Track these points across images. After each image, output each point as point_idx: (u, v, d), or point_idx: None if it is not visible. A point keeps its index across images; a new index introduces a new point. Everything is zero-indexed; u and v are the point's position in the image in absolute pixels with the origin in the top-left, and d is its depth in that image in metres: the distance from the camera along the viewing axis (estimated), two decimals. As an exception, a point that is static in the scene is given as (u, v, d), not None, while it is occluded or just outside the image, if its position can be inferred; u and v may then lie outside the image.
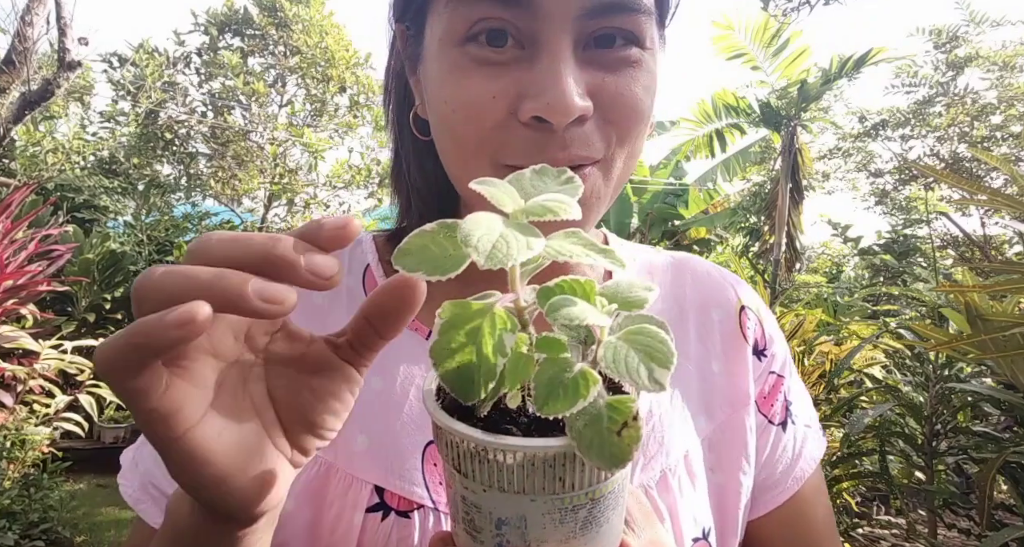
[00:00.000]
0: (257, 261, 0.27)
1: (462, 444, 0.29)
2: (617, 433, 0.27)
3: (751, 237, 8.73)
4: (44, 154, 6.48)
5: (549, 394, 0.26)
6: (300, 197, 6.61)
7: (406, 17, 0.51)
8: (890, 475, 2.63)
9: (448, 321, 0.28)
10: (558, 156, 0.43)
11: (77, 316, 5.36)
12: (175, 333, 0.24)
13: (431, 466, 0.49)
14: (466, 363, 0.28)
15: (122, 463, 0.53)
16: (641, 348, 0.27)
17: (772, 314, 0.66)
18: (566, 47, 0.42)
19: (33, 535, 3.17)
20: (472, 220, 0.26)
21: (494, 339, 0.28)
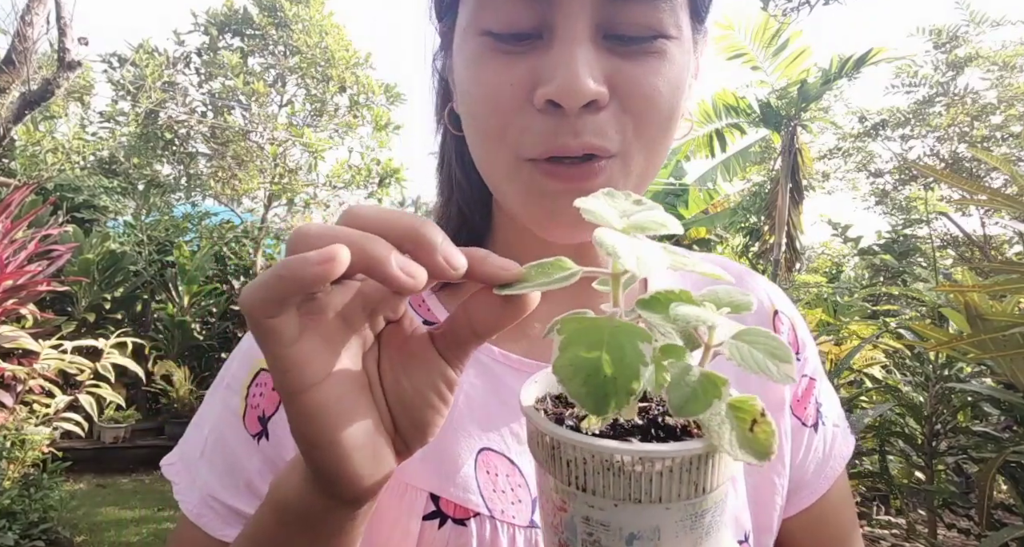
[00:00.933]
0: (402, 235, 0.29)
1: (591, 460, 0.28)
2: (750, 429, 0.27)
3: (751, 237, 8.73)
4: (44, 154, 6.48)
5: (684, 397, 0.27)
6: (300, 197, 6.61)
7: (441, 10, 0.51)
8: (890, 475, 2.63)
9: (569, 337, 0.28)
10: (570, 143, 0.43)
11: (77, 316, 5.36)
12: (315, 269, 0.26)
13: (484, 473, 0.49)
14: (596, 377, 0.27)
15: (171, 478, 0.53)
16: (761, 347, 0.28)
17: (803, 318, 0.66)
18: (582, 32, 0.42)
19: (33, 535, 3.17)
20: (605, 234, 0.28)
21: (626, 350, 0.27)
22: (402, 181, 7.11)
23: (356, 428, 0.31)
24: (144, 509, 4.34)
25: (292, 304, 0.28)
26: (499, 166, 0.47)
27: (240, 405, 0.52)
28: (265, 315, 0.28)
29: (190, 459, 0.53)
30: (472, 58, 0.45)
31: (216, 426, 0.52)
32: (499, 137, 0.45)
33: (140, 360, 5.06)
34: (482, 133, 0.47)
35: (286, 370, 0.29)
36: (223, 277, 6.56)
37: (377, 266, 0.28)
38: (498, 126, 0.45)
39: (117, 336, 4.67)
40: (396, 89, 7.05)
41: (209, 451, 0.51)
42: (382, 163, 6.93)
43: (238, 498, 0.49)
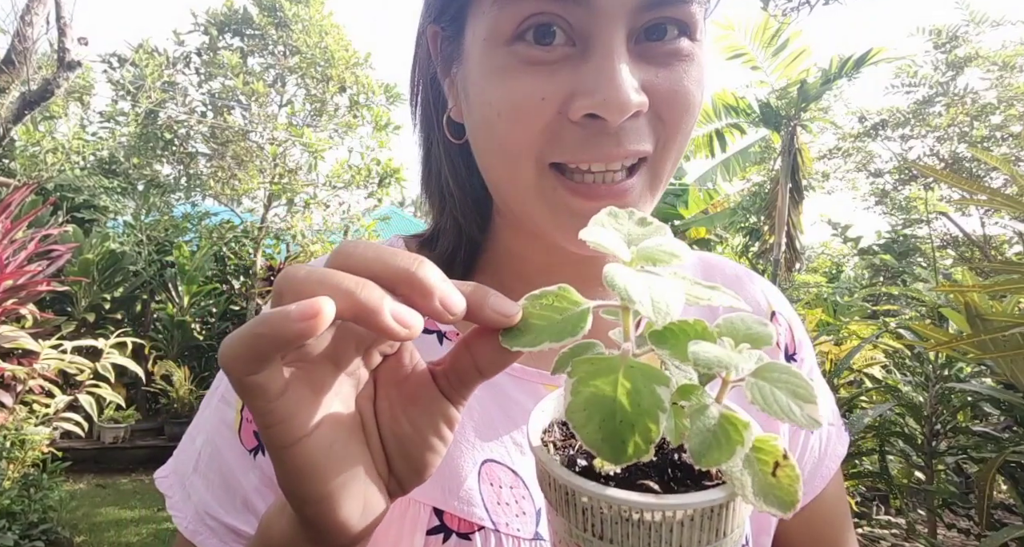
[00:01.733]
0: (397, 277, 0.27)
1: (609, 510, 0.26)
2: (772, 474, 0.26)
3: (751, 237, 8.73)
4: (44, 154, 6.48)
5: (706, 445, 0.25)
6: (300, 197, 6.60)
7: (443, 18, 0.48)
8: (890, 475, 2.63)
9: (581, 379, 0.26)
10: (612, 152, 0.42)
11: (77, 316, 5.35)
12: (297, 326, 0.24)
13: (488, 485, 0.48)
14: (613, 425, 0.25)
15: (164, 491, 0.51)
16: (783, 386, 0.26)
17: (800, 318, 0.66)
18: (620, 42, 0.41)
19: (33, 535, 3.17)
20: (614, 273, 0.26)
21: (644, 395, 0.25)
22: (402, 181, 7.11)
23: (347, 478, 0.30)
24: (144, 509, 4.34)
25: (274, 360, 0.27)
26: (522, 179, 0.45)
27: (235, 418, 0.50)
28: (245, 373, 0.26)
29: (184, 473, 0.51)
30: (497, 70, 0.43)
31: (211, 439, 0.50)
32: (521, 149, 0.44)
33: (140, 360, 5.06)
34: (503, 144, 0.44)
35: (270, 425, 0.28)
36: (223, 277, 6.55)
37: (369, 316, 0.26)
38: (523, 139, 0.43)
39: (117, 336, 4.67)
40: (396, 89, 7.04)
41: (204, 466, 0.50)
42: (382, 163, 6.93)
43: (235, 516, 0.47)
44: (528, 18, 0.41)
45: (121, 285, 5.74)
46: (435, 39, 0.51)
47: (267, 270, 6.44)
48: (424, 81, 0.54)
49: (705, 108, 6.77)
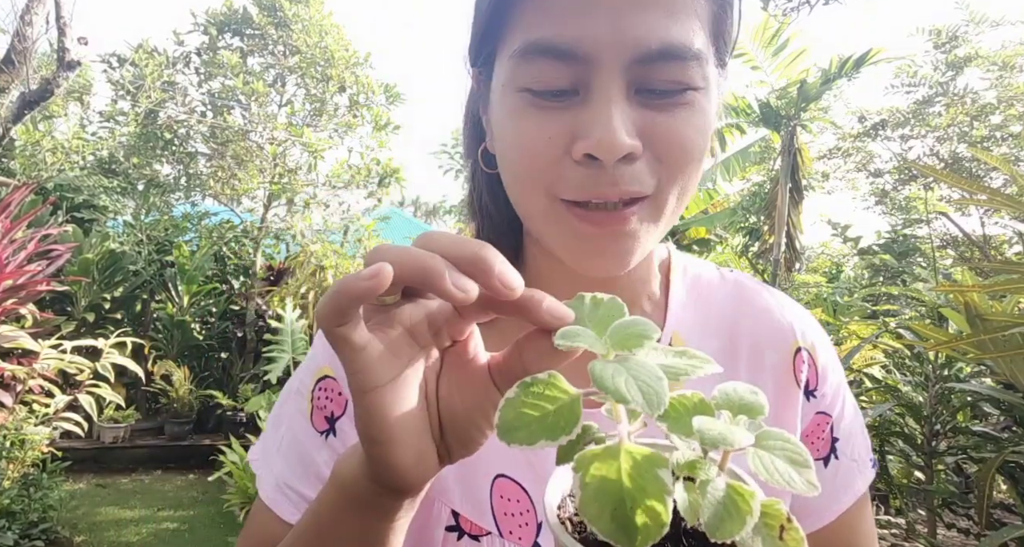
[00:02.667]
0: (463, 256, 0.33)
1: None
2: (780, 538, 0.27)
3: (751, 237, 8.72)
4: (43, 154, 6.47)
5: (718, 518, 0.26)
6: (300, 197, 6.60)
7: (478, 62, 0.55)
8: (890, 475, 2.63)
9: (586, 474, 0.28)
10: (608, 192, 0.46)
11: (76, 316, 5.35)
12: (364, 284, 0.30)
13: (499, 497, 0.56)
14: (623, 512, 0.27)
15: (254, 470, 0.62)
16: (780, 453, 0.28)
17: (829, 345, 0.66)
18: (616, 91, 0.45)
19: (33, 535, 3.17)
20: (598, 371, 0.28)
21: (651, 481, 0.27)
22: (402, 181, 7.11)
23: (407, 430, 0.35)
24: (144, 509, 4.34)
25: (353, 314, 0.32)
26: (536, 207, 0.50)
27: (307, 407, 0.60)
28: (332, 324, 0.32)
29: (268, 453, 0.62)
30: (511, 112, 0.49)
31: (290, 426, 0.61)
32: (535, 181, 0.49)
33: (140, 360, 5.06)
34: (519, 178, 0.50)
35: (355, 372, 0.34)
36: (223, 277, 6.55)
37: (433, 280, 0.31)
38: (533, 173, 0.48)
39: (117, 336, 4.67)
40: (396, 89, 7.04)
41: (285, 447, 0.60)
42: (382, 163, 6.92)
43: (309, 486, 0.57)
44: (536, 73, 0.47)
45: (121, 285, 5.74)
46: (476, 80, 0.58)
47: (267, 270, 6.43)
48: (471, 114, 0.61)
49: (705, 108, 6.77)
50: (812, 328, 0.64)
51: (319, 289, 5.67)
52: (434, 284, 0.32)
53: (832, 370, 0.64)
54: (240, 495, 3.34)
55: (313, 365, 0.62)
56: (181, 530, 4.00)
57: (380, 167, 6.90)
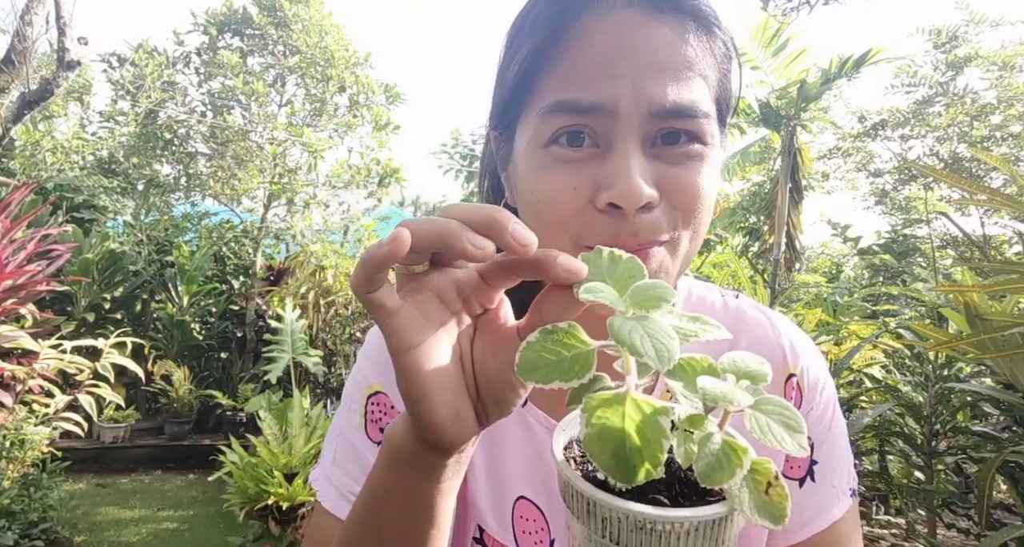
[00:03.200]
0: (478, 219, 0.35)
1: (626, 520, 0.31)
2: (766, 493, 0.30)
3: (751, 237, 8.72)
4: (43, 154, 6.47)
5: (710, 467, 0.29)
6: (300, 197, 6.59)
7: (500, 125, 0.60)
8: (890, 475, 2.63)
9: (593, 413, 0.31)
10: (629, 242, 0.50)
11: (76, 316, 5.35)
12: (384, 249, 0.34)
13: (519, 517, 0.61)
14: (622, 450, 0.30)
15: (315, 487, 0.66)
16: (776, 417, 0.31)
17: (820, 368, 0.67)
18: (635, 145, 0.50)
19: (33, 535, 3.17)
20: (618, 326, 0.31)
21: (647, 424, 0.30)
22: (402, 181, 7.10)
23: (444, 388, 0.38)
24: (144, 509, 4.34)
25: (382, 280, 0.36)
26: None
27: (360, 420, 0.66)
28: (364, 291, 0.36)
29: (325, 470, 0.66)
30: (537, 166, 0.53)
31: (345, 439, 0.66)
32: (562, 229, 0.52)
33: (139, 360, 5.06)
34: (546, 227, 0.53)
35: (390, 334, 0.37)
36: (222, 277, 6.55)
37: (451, 241, 0.34)
38: (559, 221, 0.52)
39: (116, 336, 4.67)
40: (396, 89, 7.04)
41: (341, 458, 0.65)
42: (382, 163, 6.92)
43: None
44: (561, 129, 0.51)
45: (121, 285, 5.74)
46: (496, 141, 0.62)
47: (267, 270, 6.43)
48: (489, 172, 0.67)
49: (705, 108, 6.76)
50: (806, 352, 0.67)
51: (319, 289, 5.67)
52: (452, 244, 0.35)
53: (819, 391, 0.65)
54: (240, 495, 3.34)
55: (362, 383, 0.67)
56: (181, 530, 4.00)
57: (380, 167, 6.90)
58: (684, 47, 0.51)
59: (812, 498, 0.63)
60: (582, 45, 0.51)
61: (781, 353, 0.65)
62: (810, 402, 0.64)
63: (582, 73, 0.50)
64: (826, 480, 0.63)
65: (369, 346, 0.69)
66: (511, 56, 0.56)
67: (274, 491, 3.17)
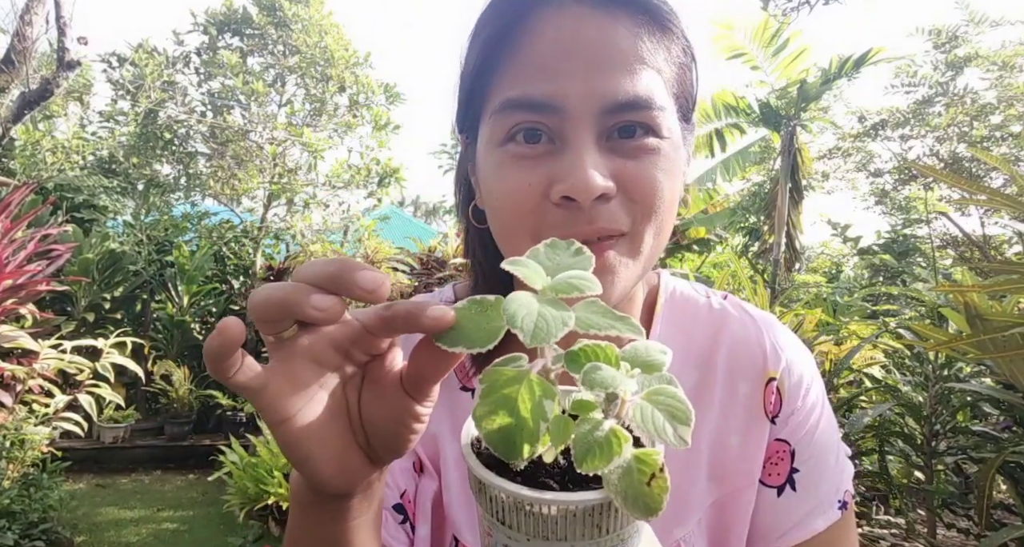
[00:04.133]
0: (324, 277, 0.35)
1: (507, 499, 0.32)
2: (647, 484, 0.30)
3: (751, 237, 8.73)
4: (43, 153, 6.47)
5: (587, 452, 0.29)
6: (299, 197, 6.59)
7: (464, 127, 0.60)
8: (889, 475, 2.63)
9: (488, 387, 0.32)
10: (585, 229, 0.50)
11: (76, 316, 5.35)
12: (214, 342, 0.33)
13: None
14: (507, 426, 0.30)
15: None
16: (664, 408, 0.31)
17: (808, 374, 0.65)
18: (588, 139, 0.50)
19: (33, 535, 3.17)
20: (512, 300, 0.31)
21: (533, 404, 0.31)
22: (402, 181, 7.11)
23: (324, 447, 0.38)
24: (143, 509, 4.34)
25: (233, 364, 0.34)
26: (520, 248, 0.52)
27: None
28: (223, 378, 0.34)
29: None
30: (494, 165, 0.53)
31: None
32: (520, 226, 0.53)
33: (139, 360, 5.06)
34: (506, 225, 0.54)
35: (262, 409, 0.36)
36: (222, 277, 6.55)
37: (295, 310, 0.34)
38: (518, 218, 0.52)
39: (116, 336, 4.67)
40: (395, 89, 7.04)
41: None
42: (382, 163, 6.92)
43: None
44: (516, 125, 0.51)
45: (121, 285, 5.74)
46: (464, 144, 0.63)
47: (267, 270, 6.43)
48: (461, 176, 0.66)
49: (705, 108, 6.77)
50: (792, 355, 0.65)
51: (319, 289, 5.66)
52: (296, 312, 0.34)
53: (802, 395, 0.63)
54: (240, 496, 3.34)
55: None
56: (181, 530, 4.00)
57: (380, 167, 6.90)
58: (636, 41, 0.51)
59: (792, 507, 0.60)
60: (532, 42, 0.51)
61: (761, 355, 0.63)
62: (791, 405, 0.62)
63: (532, 70, 0.50)
64: (807, 490, 0.61)
65: None
66: (467, 56, 0.56)
67: (274, 491, 3.17)
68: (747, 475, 0.60)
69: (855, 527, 0.65)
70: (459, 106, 0.60)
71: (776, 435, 0.62)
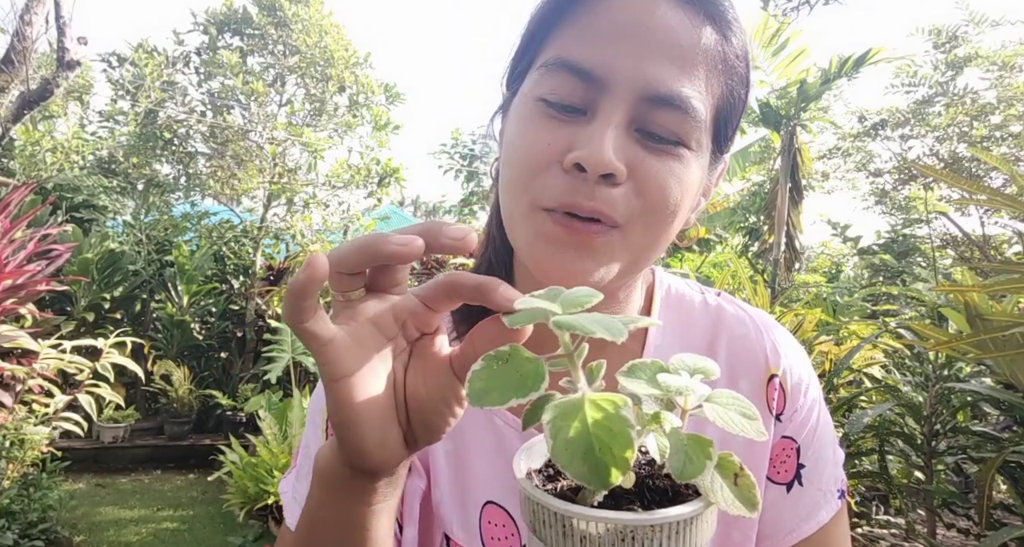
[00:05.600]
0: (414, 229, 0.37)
1: (608, 531, 0.29)
2: (735, 483, 0.30)
3: (751, 237, 8.72)
4: (43, 153, 6.47)
5: (683, 462, 0.29)
6: (299, 197, 6.59)
7: (511, 81, 0.60)
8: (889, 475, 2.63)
9: (555, 423, 0.30)
10: (583, 204, 0.49)
11: (76, 315, 5.35)
12: (302, 277, 0.34)
13: (487, 523, 0.60)
14: (593, 453, 0.28)
15: (282, 499, 0.66)
16: (733, 408, 0.32)
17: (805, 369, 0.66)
18: (619, 119, 0.49)
19: (32, 535, 3.17)
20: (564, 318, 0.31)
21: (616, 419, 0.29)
22: (402, 181, 7.10)
23: (373, 415, 0.38)
24: (143, 509, 4.34)
25: (310, 309, 0.35)
26: (517, 210, 0.53)
27: (323, 436, 0.65)
28: (296, 321, 0.35)
29: (291, 482, 0.66)
30: (524, 116, 0.53)
31: (308, 455, 0.65)
32: (524, 186, 0.52)
33: (139, 360, 5.06)
34: (511, 180, 0.54)
35: (323, 363, 0.37)
36: (222, 277, 6.54)
37: (376, 247, 0.35)
38: (526, 177, 0.52)
39: (116, 336, 4.66)
40: (396, 89, 7.04)
41: (304, 474, 0.64)
42: (382, 163, 6.92)
43: None
44: (556, 85, 0.51)
45: (120, 285, 5.74)
46: (504, 101, 0.62)
47: (266, 270, 6.43)
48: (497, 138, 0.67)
49: (705, 108, 6.76)
50: (789, 352, 0.65)
51: (319, 289, 5.66)
52: (378, 250, 0.35)
53: (803, 392, 0.64)
54: (240, 495, 3.34)
55: (322, 400, 0.65)
56: (181, 530, 4.00)
57: (380, 167, 6.89)
58: (697, 46, 0.51)
59: (800, 502, 0.62)
60: (600, 10, 0.51)
61: (762, 353, 0.64)
62: (794, 403, 0.63)
63: (589, 37, 0.50)
64: (813, 483, 0.62)
65: None
66: (533, 13, 0.56)
67: (274, 491, 3.17)
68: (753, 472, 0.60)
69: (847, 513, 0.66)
70: (512, 58, 0.60)
71: (782, 432, 0.62)
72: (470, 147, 10.54)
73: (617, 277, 0.53)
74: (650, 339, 0.63)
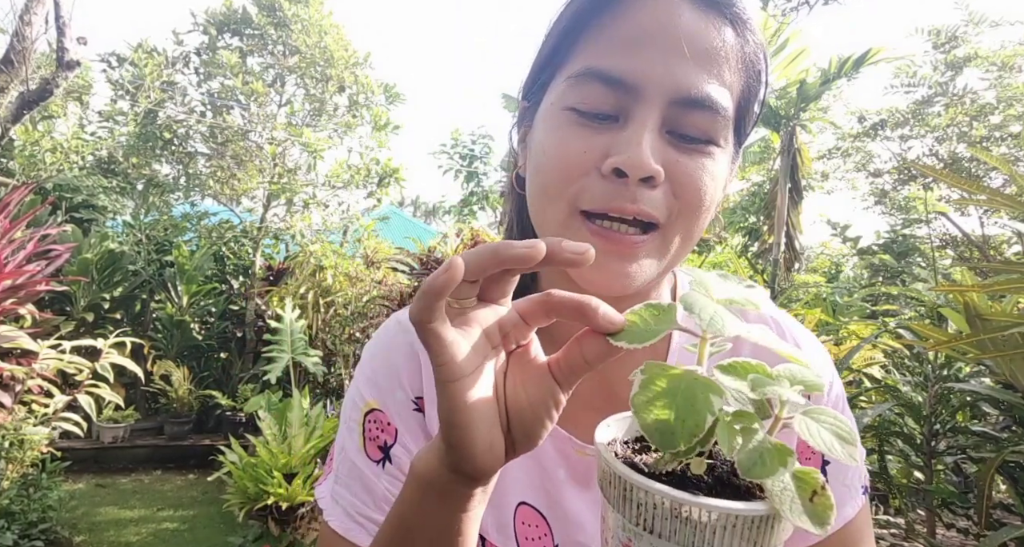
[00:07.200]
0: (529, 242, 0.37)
1: (661, 504, 0.31)
2: (810, 500, 0.30)
3: (750, 237, 8.73)
4: (42, 154, 6.47)
5: (754, 461, 0.29)
6: (299, 197, 6.59)
7: (530, 93, 0.61)
8: (889, 475, 2.63)
9: (649, 378, 0.32)
10: (627, 207, 0.51)
11: (76, 316, 5.35)
12: (442, 277, 0.35)
13: (521, 524, 0.61)
14: (665, 417, 0.30)
15: (321, 505, 0.66)
16: (828, 426, 0.31)
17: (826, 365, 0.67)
18: (652, 123, 0.51)
19: (32, 535, 3.17)
20: (694, 298, 0.34)
21: (703, 398, 0.31)
22: (401, 181, 7.10)
23: (482, 418, 0.39)
24: (143, 509, 4.34)
25: (439, 310, 0.36)
26: (554, 217, 0.55)
27: (359, 439, 0.65)
28: (425, 321, 0.36)
29: (330, 486, 0.66)
30: (555, 126, 0.54)
31: (347, 458, 0.65)
32: (559, 192, 0.53)
33: (139, 360, 5.06)
34: (545, 187, 0.55)
35: (441, 364, 0.38)
36: (222, 277, 6.54)
37: (502, 253, 0.36)
38: (562, 183, 0.53)
39: (116, 336, 4.66)
40: (395, 89, 7.03)
41: (345, 477, 0.64)
42: (381, 163, 6.92)
43: (377, 511, 0.61)
44: (587, 95, 0.52)
45: (120, 285, 5.74)
46: (523, 111, 0.64)
47: (266, 270, 6.43)
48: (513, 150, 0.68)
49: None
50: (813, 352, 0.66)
51: (319, 289, 5.66)
52: (505, 254, 0.36)
53: (828, 391, 0.64)
54: (239, 495, 3.34)
55: (359, 401, 0.66)
56: (181, 530, 4.00)
57: (380, 167, 6.89)
58: (721, 45, 0.53)
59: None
60: (624, 17, 0.52)
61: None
62: (818, 401, 0.63)
63: (618, 45, 0.52)
64: (838, 479, 0.63)
65: (363, 364, 0.68)
66: (553, 24, 0.57)
67: (274, 491, 3.17)
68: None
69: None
70: (532, 70, 0.61)
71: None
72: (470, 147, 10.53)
73: (655, 277, 0.55)
74: (675, 338, 0.64)
